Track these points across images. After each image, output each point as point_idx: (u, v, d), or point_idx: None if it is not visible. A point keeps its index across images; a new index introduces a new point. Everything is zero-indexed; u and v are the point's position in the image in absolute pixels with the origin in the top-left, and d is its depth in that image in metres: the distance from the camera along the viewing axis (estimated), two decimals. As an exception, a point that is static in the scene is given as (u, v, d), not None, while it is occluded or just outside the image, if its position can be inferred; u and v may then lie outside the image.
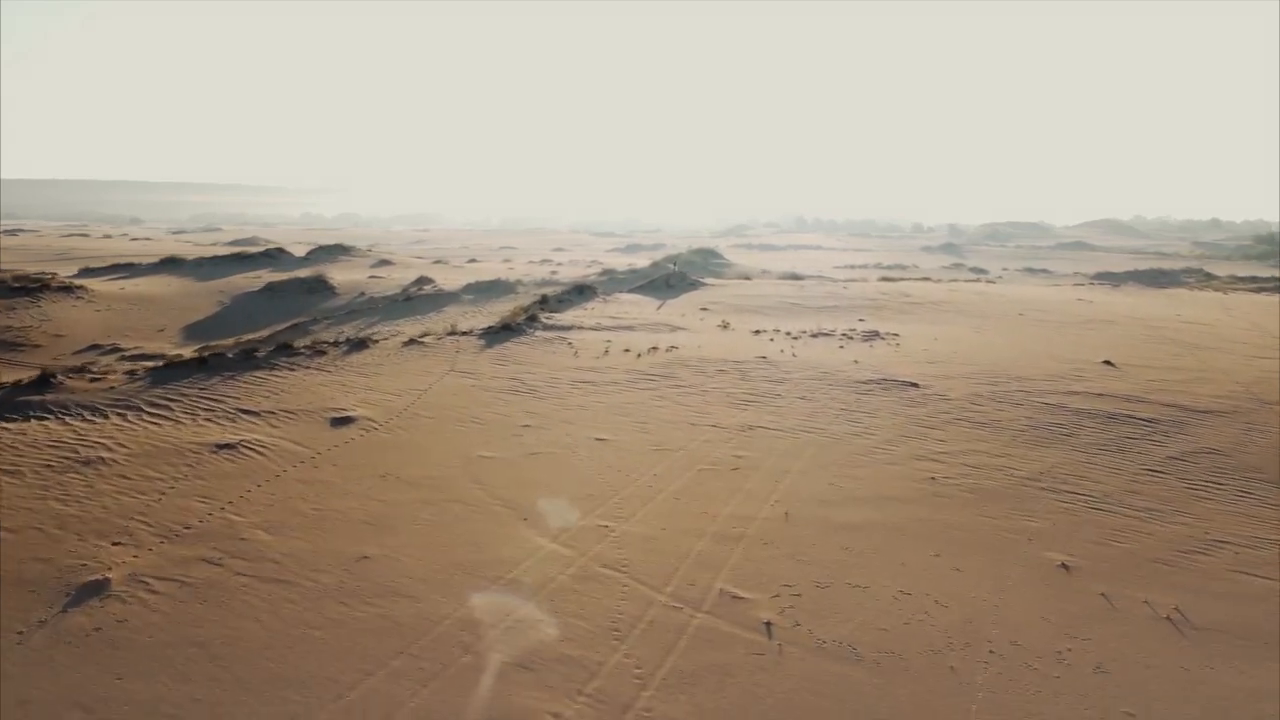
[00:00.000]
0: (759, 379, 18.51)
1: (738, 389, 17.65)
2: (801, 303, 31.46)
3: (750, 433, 14.81)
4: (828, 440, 14.54)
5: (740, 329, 25.59)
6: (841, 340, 23.70)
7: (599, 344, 21.56)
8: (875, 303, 31.83)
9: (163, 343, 34.80)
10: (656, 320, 26.24)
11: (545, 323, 23.39)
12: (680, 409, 16.07)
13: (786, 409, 16.34)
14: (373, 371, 17.54)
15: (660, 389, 17.43)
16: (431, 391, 16.34)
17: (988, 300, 33.23)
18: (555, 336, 21.92)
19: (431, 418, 14.74)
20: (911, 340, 24.00)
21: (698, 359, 20.21)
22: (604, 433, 14.46)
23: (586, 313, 26.78)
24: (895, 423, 15.67)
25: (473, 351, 19.88)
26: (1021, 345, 23.70)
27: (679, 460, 13.30)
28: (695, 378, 18.45)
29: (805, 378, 18.75)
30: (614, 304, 29.27)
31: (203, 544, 9.56)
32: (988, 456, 14.00)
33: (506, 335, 21.40)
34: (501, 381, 17.33)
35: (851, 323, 27.30)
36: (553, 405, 15.91)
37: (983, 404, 17.05)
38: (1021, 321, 28.36)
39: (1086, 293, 40.95)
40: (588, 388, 17.20)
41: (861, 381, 18.47)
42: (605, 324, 24.63)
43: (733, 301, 31.59)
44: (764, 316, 28.54)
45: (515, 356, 19.66)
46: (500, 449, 13.37)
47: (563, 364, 19.25)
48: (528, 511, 11.03)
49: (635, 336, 23.14)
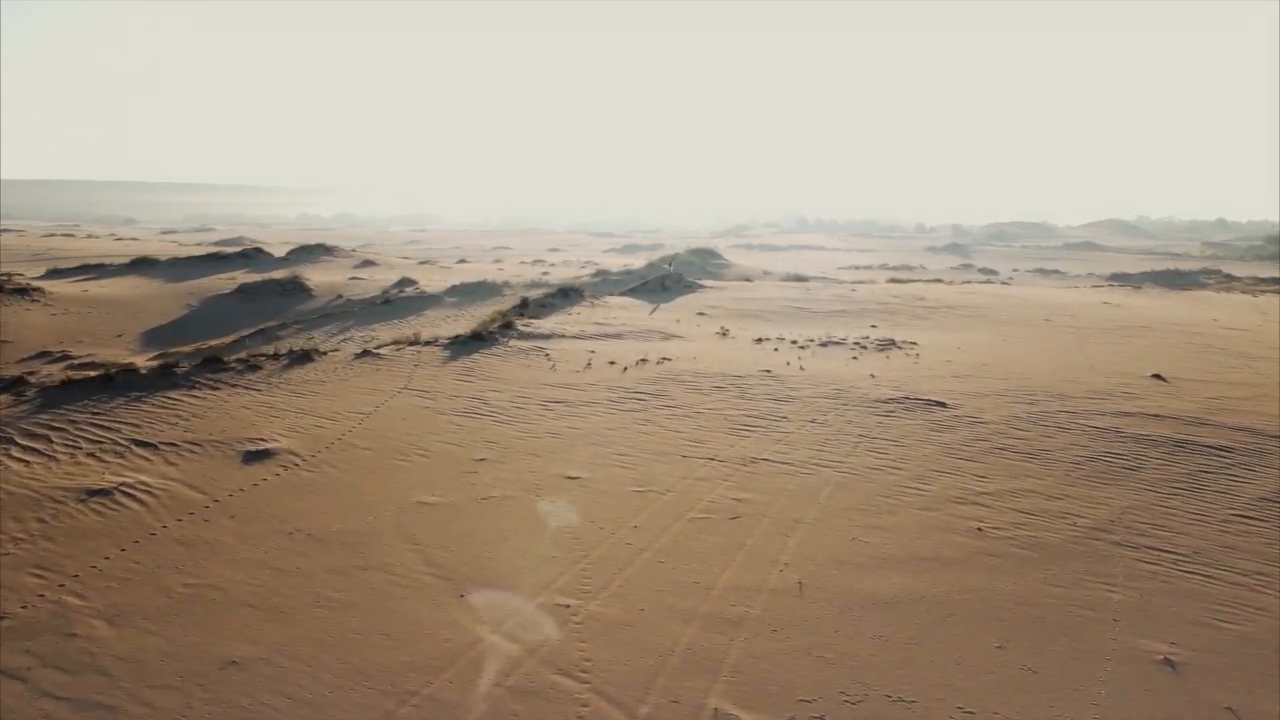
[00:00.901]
0: (762, 397, 16.04)
1: (738, 410, 15.18)
2: (807, 307, 28.98)
3: (753, 467, 12.33)
4: (846, 477, 12.06)
5: (740, 337, 23.11)
6: (854, 350, 21.23)
7: (581, 355, 19.09)
8: (887, 307, 29.36)
9: (119, 349, 32.32)
10: (648, 327, 23.77)
11: (521, 331, 20.92)
12: (670, 436, 13.60)
13: (795, 436, 13.86)
14: (312, 390, 15.07)
15: (648, 410, 14.96)
16: (375, 415, 13.86)
17: (1008, 304, 30.75)
18: (532, 347, 19.45)
19: (369, 449, 12.26)
20: (932, 350, 21.52)
21: (692, 373, 17.74)
22: (577, 468, 11.99)
23: (570, 319, 24.31)
24: (925, 453, 13.19)
25: (434, 365, 17.41)
26: (1055, 356, 21.23)
27: (666, 506, 10.83)
28: (689, 396, 15.98)
29: (816, 396, 16.28)
30: (602, 309, 26.78)
31: (11, 644, 7.09)
32: (1042, 498, 11.52)
33: (475, 345, 18.94)
34: (461, 402, 14.84)
35: (863, 330, 24.83)
36: (518, 432, 13.44)
37: (1024, 428, 14.57)
38: (1050, 328, 25.88)
39: (1109, 295, 38.47)
40: (562, 410, 14.73)
41: (881, 400, 15.99)
42: (590, 332, 22.16)
43: (732, 305, 29.11)
44: (766, 322, 26.06)
45: (482, 371, 17.18)
46: (446, 491, 10.89)
47: (536, 380, 16.78)
48: (467, 582, 8.56)
49: (623, 346, 20.67)
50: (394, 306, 37.38)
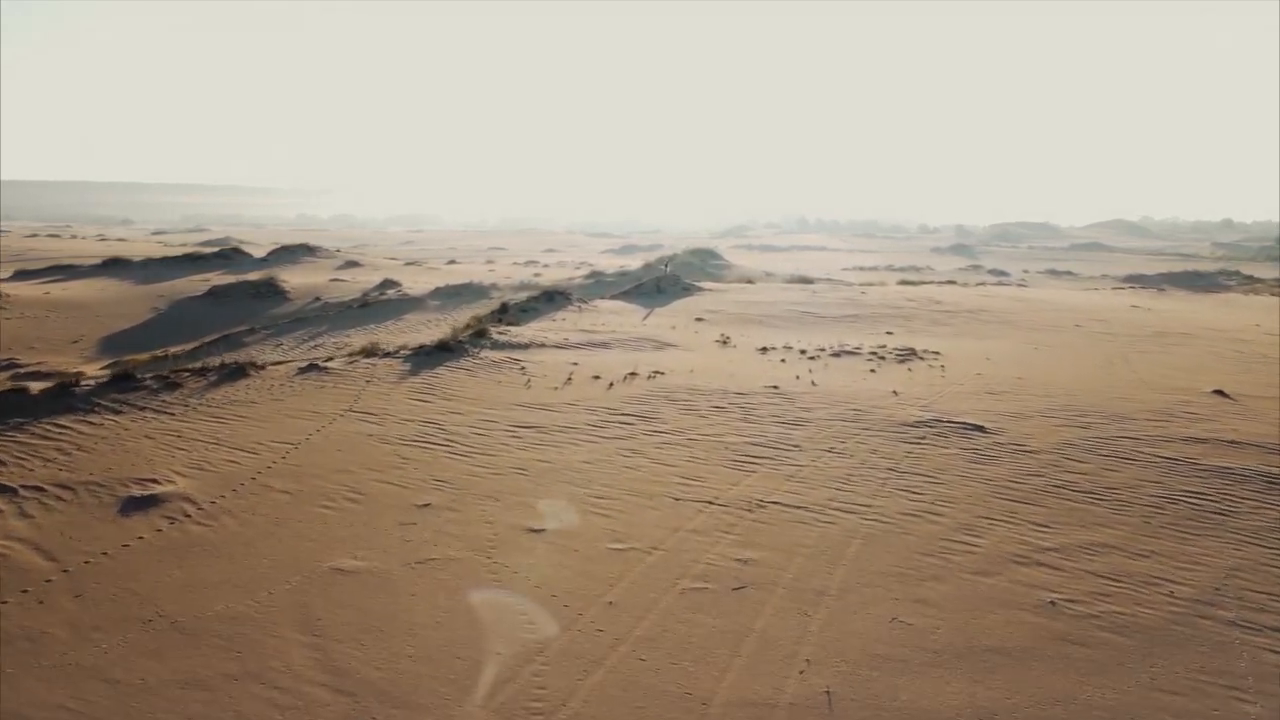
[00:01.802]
0: (769, 420, 13.73)
1: (741, 436, 12.87)
2: (815, 311, 26.68)
3: (761, 514, 10.03)
4: (877, 526, 9.76)
5: (743, 345, 20.80)
6: (871, 361, 18.92)
7: (561, 368, 16.78)
8: (901, 311, 27.05)
9: (72, 357, 30.00)
10: (640, 335, 21.46)
11: (496, 340, 18.61)
12: (660, 472, 11.29)
13: (811, 470, 11.55)
14: (236, 414, 12.76)
15: (635, 438, 12.65)
16: (306, 446, 11.54)
17: (1031, 308, 28.44)
18: (505, 359, 17.14)
19: (287, 493, 9.94)
20: (958, 361, 19.21)
21: (688, 389, 15.44)
22: (543, 517, 9.68)
23: (554, 325, 22.00)
24: (969, 493, 10.88)
25: (389, 381, 15.10)
26: (1097, 368, 18.92)
27: (652, 570, 8.53)
28: (683, 418, 13.67)
29: (831, 418, 13.97)
30: (590, 314, 24.46)
31: None
32: (1122, 556, 9.21)
33: (441, 357, 16.63)
34: (413, 428, 12.53)
35: (879, 337, 22.53)
36: (476, 467, 11.13)
37: (1081, 459, 12.26)
38: (1082, 335, 23.57)
39: (1133, 298, 36.17)
40: (532, 438, 12.42)
41: (908, 424, 13.68)
42: (574, 340, 19.85)
43: (733, 310, 26.80)
44: (771, 329, 23.76)
45: (444, 388, 14.87)
46: (372, 551, 8.58)
47: (506, 399, 14.47)
48: (374, 699, 6.25)
49: (610, 357, 18.36)
50: (372, 310, 35.07)
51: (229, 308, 37.70)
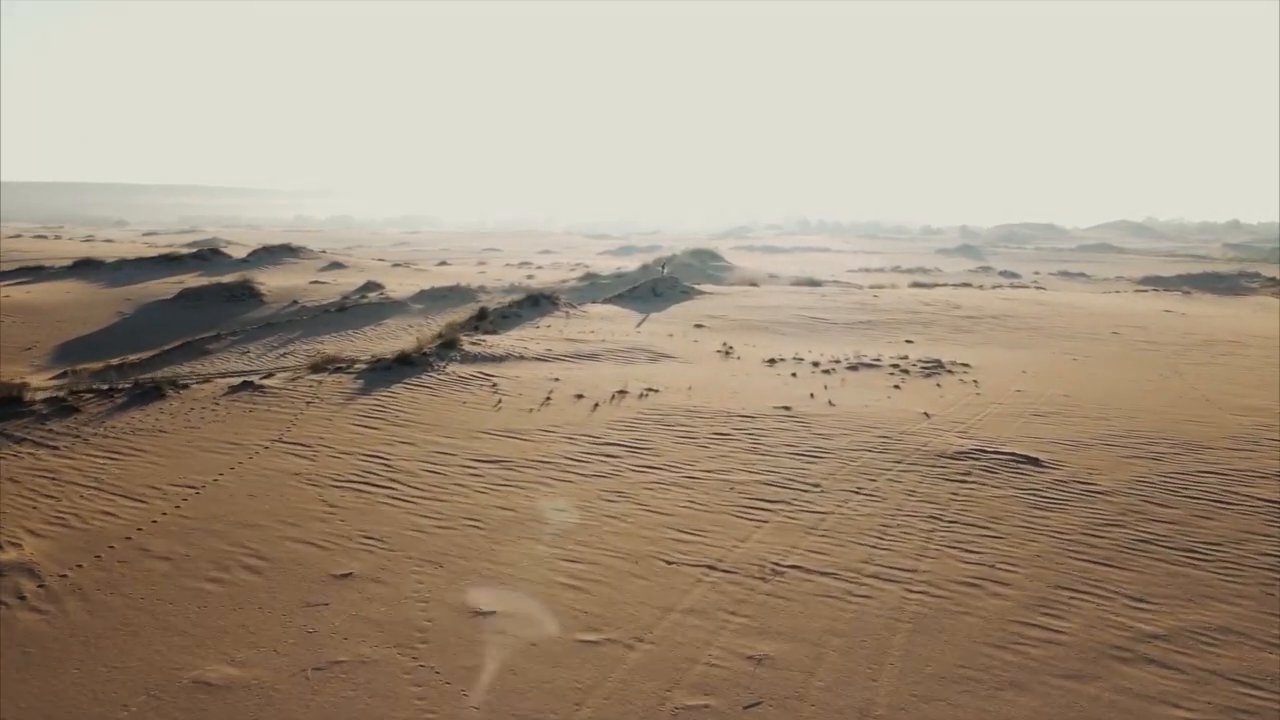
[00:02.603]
0: (782, 451, 11.53)
1: (749, 472, 10.68)
2: (825, 317, 24.48)
3: (778, 583, 7.83)
4: (927, 602, 7.56)
5: (747, 357, 18.61)
6: (893, 375, 16.72)
7: (540, 385, 14.59)
8: (919, 317, 24.86)
9: (23, 365, 27.79)
10: (633, 343, 19.26)
11: (467, 352, 16.40)
12: (651, 522, 9.09)
13: (836, 518, 9.36)
14: (136, 447, 10.58)
15: (621, 474, 10.45)
16: (211, 491, 9.35)
17: (1058, 313, 26.24)
18: (476, 374, 14.95)
19: (167, 560, 7.74)
20: (991, 374, 17.02)
21: (686, 411, 13.25)
22: (494, 592, 7.49)
23: (537, 334, 19.80)
24: (1036, 551, 8.67)
25: (334, 402, 12.91)
26: (1150, 382, 16.73)
27: (632, 675, 6.34)
28: (680, 449, 11.48)
29: (856, 447, 11.77)
30: (579, 320, 22.27)
31: None
32: (1253, 646, 7.01)
33: (400, 373, 14.44)
34: (351, 463, 10.33)
35: (898, 346, 20.34)
36: (419, 517, 8.93)
37: (1164, 502, 10.07)
38: (1122, 344, 21.38)
39: (1162, 301, 33.98)
40: (495, 476, 10.22)
41: (947, 455, 11.48)
42: (558, 351, 17.65)
43: (736, 315, 24.61)
44: (778, 337, 21.56)
45: (399, 411, 12.68)
46: (257, 652, 6.38)
47: (471, 424, 12.27)
48: None
49: (598, 371, 16.17)
50: (349, 315, 32.91)
51: (200, 312, 35.55)
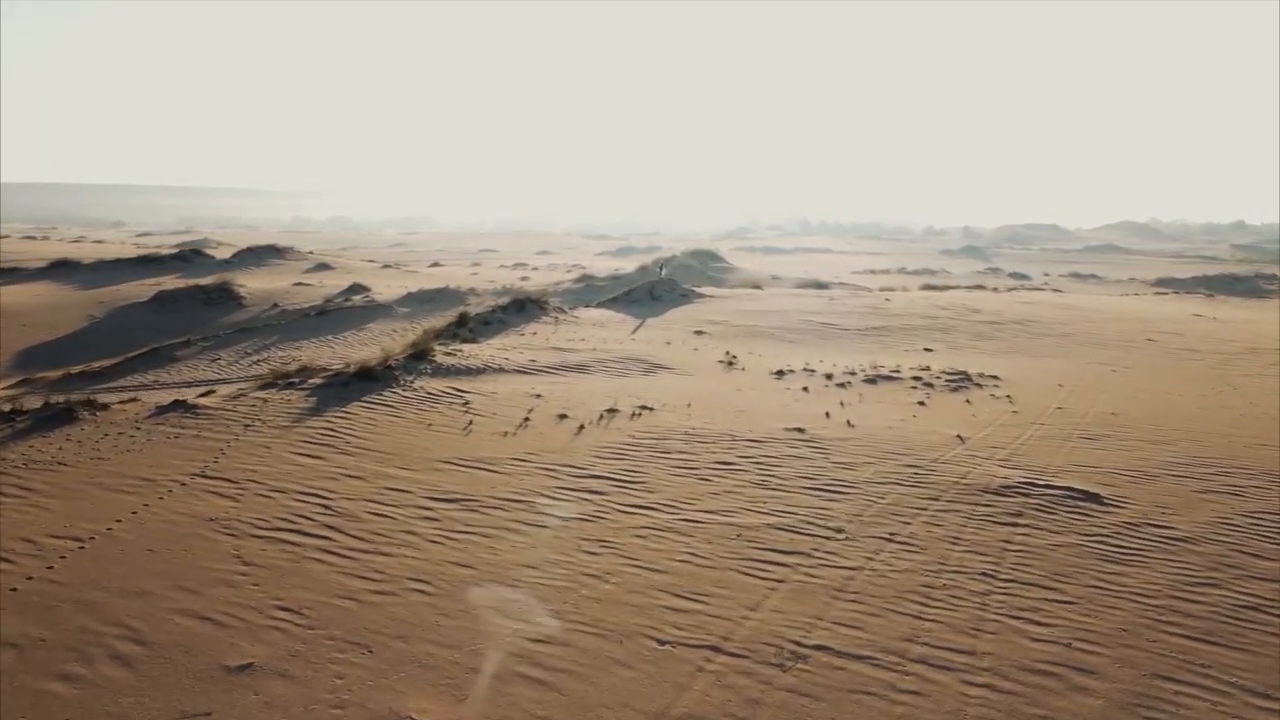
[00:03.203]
0: (797, 485, 9.80)
1: (759, 513, 8.95)
2: (835, 323, 22.74)
3: (800, 673, 6.10)
4: (995, 700, 5.83)
5: (753, 368, 16.89)
6: (916, 389, 15.00)
7: (519, 403, 12.86)
8: (936, 322, 23.13)
9: (-21, 373, 26.10)
10: (627, 353, 17.53)
11: (440, 364, 14.66)
12: (640, 583, 7.37)
13: (867, 576, 7.63)
14: (23, 486, 8.85)
15: (606, 517, 8.73)
16: (101, 544, 7.62)
17: (1085, 317, 24.51)
18: (447, 389, 13.21)
19: (14, 647, 6.02)
20: (1025, 388, 15.29)
21: (684, 434, 11.52)
22: (433, 691, 5.75)
23: (521, 342, 18.06)
24: (1119, 622, 6.94)
25: (279, 425, 11.18)
26: (1203, 397, 14.99)
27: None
28: (677, 483, 9.75)
29: (882, 479, 10.05)
30: (569, 326, 20.52)
31: None
32: None
33: (361, 389, 12.71)
34: (284, 504, 8.59)
35: (917, 355, 18.62)
36: (353, 578, 7.21)
37: (1260, 550, 8.34)
38: (1161, 352, 19.65)
39: (1189, 304, 32.24)
40: (456, 519, 8.49)
41: (991, 489, 9.75)
42: (543, 362, 15.92)
43: (739, 321, 22.87)
44: (786, 344, 19.83)
45: (351, 436, 10.95)
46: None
47: (433, 452, 10.53)
48: None
49: (587, 385, 14.44)
50: (330, 319, 31.18)
51: (174, 316, 33.80)
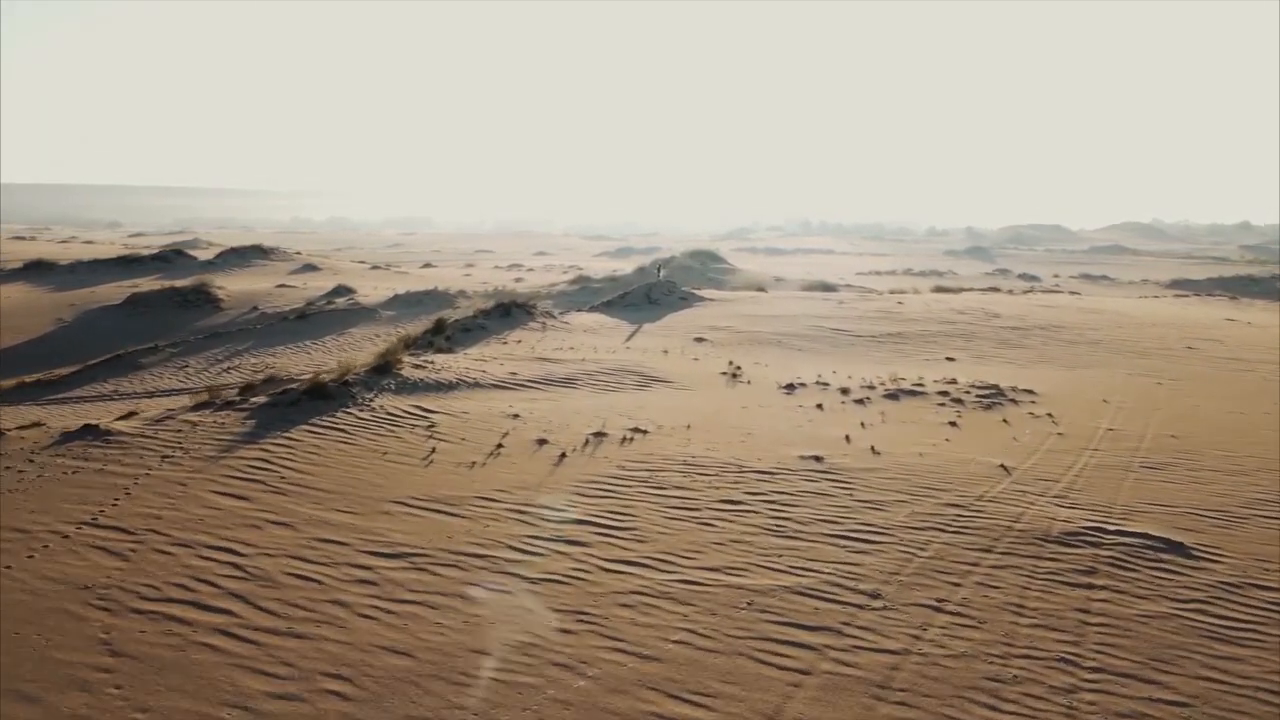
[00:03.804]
0: (818, 528, 8.13)
1: (774, 568, 7.27)
2: (847, 329, 21.08)
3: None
4: None
5: (760, 380, 15.23)
6: (944, 405, 13.33)
7: (493, 424, 11.19)
8: (955, 328, 21.48)
9: (-71, 382, 24.45)
10: (621, 362, 15.88)
11: (409, 377, 13.00)
12: (622, 673, 5.70)
13: (915, 662, 5.96)
14: None
15: (586, 576, 7.06)
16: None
17: (1115, 323, 22.86)
18: (411, 408, 11.55)
19: None
20: (1065, 404, 13.62)
21: (683, 463, 9.86)
22: None
23: (503, 351, 16.39)
24: (1254, 739, 5.27)
25: (206, 455, 9.52)
26: (1267, 415, 13.32)
27: None
28: (674, 529, 8.08)
29: (921, 522, 8.37)
30: (558, 332, 18.84)
31: None
32: None
33: (311, 409, 11.05)
34: (187, 562, 6.92)
35: (939, 365, 16.96)
36: (246, 679, 5.55)
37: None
38: (1204, 361, 18.00)
39: (1216, 308, 30.59)
40: (395, 583, 6.83)
41: (1051, 537, 8.08)
42: (524, 375, 14.25)
43: (743, 326, 21.21)
44: (794, 353, 18.18)
45: (289, 469, 9.28)
46: None
47: (384, 488, 8.87)
48: None
49: (573, 402, 12.78)
50: (310, 323, 29.57)
51: (147, 319, 32.20)
